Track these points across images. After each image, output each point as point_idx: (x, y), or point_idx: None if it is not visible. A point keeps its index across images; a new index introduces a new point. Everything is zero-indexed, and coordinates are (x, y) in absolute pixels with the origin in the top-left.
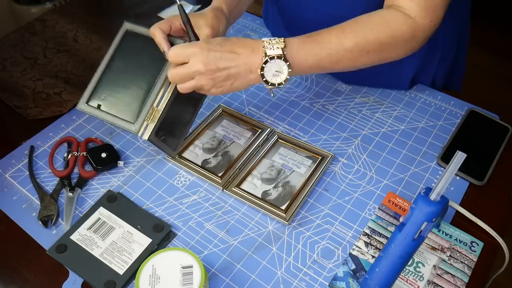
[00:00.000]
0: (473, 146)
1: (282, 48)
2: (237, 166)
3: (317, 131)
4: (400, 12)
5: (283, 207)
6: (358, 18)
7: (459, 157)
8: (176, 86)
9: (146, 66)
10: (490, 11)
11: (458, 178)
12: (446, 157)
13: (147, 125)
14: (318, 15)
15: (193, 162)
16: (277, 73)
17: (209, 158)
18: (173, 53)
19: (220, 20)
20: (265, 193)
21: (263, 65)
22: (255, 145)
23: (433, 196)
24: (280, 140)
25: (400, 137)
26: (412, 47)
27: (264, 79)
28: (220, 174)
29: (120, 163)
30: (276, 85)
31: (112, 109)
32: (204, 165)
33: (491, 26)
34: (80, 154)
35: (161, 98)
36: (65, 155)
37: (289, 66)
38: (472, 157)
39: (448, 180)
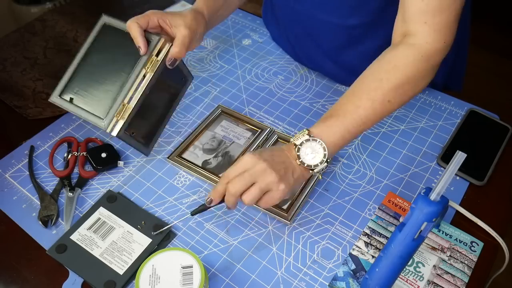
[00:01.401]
0: (473, 146)
1: (307, 134)
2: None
3: None
4: (408, 48)
5: (285, 207)
6: (365, 73)
7: (459, 157)
8: (148, 83)
9: (121, 62)
10: (490, 11)
11: (458, 178)
12: (446, 157)
13: (116, 122)
14: (313, 21)
15: (193, 163)
16: (314, 154)
17: (210, 159)
18: (234, 186)
19: (199, 23)
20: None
21: (297, 153)
22: (255, 145)
23: (433, 196)
24: (280, 140)
25: (400, 137)
26: (432, 74)
27: (306, 165)
28: (220, 175)
29: (120, 163)
30: (319, 165)
31: (84, 104)
32: (204, 166)
33: (491, 26)
34: (80, 154)
35: (133, 94)
36: (65, 155)
37: (320, 143)
38: (472, 157)
39: (448, 180)
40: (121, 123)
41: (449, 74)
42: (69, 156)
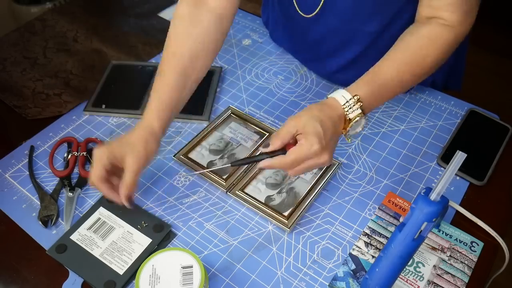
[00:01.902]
0: (473, 146)
1: (359, 107)
2: (243, 169)
3: None
4: (440, 25)
5: (286, 213)
6: (405, 44)
7: (459, 157)
8: None
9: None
10: (490, 11)
11: (458, 178)
12: (446, 157)
13: None
14: (317, 25)
15: (198, 163)
16: (356, 125)
17: (215, 160)
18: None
19: (150, 145)
20: (269, 198)
21: (348, 128)
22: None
23: (433, 196)
24: None
25: (400, 137)
26: (454, 50)
27: (347, 134)
28: (224, 177)
29: None
30: (357, 132)
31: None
32: (209, 166)
33: (491, 26)
34: (80, 154)
35: None
36: (65, 155)
37: (366, 119)
38: (472, 157)
39: (448, 180)
40: None
41: (449, 74)
42: (69, 156)
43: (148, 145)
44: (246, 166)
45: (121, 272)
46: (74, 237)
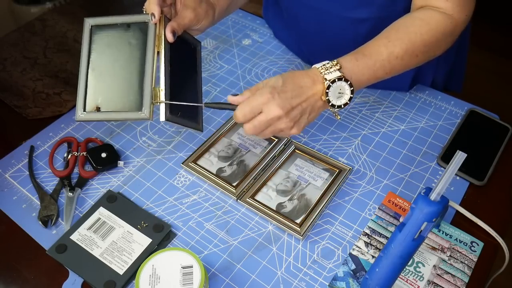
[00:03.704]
0: (473, 146)
1: (338, 70)
2: (252, 176)
3: (317, 131)
4: (436, 11)
5: (298, 221)
6: (397, 24)
7: (459, 157)
8: (164, 59)
9: (126, 53)
10: (490, 11)
11: (458, 178)
12: (446, 157)
13: (157, 107)
14: (319, 14)
15: (207, 170)
16: (340, 94)
17: (224, 167)
18: (242, 113)
19: (207, 12)
20: (280, 205)
21: (327, 91)
22: (271, 155)
23: (433, 196)
24: (297, 151)
25: (400, 137)
26: (452, 41)
27: (330, 104)
28: (234, 184)
29: (120, 163)
30: (342, 106)
31: (113, 107)
32: (219, 173)
33: (491, 26)
34: (80, 154)
35: (158, 77)
36: (65, 155)
37: (350, 85)
38: (472, 157)
39: (448, 180)
40: (163, 106)
41: (449, 74)
42: (69, 156)
43: (204, 9)
44: (256, 172)
45: (121, 272)
46: (74, 237)
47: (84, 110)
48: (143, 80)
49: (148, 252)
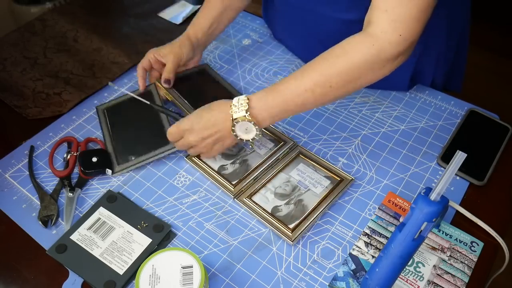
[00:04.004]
0: (473, 146)
1: (245, 110)
2: (253, 177)
3: (317, 131)
4: (364, 37)
5: (291, 226)
6: (321, 54)
7: (459, 157)
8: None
9: (140, 114)
10: (490, 11)
11: (458, 178)
12: (446, 157)
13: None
14: (314, 16)
15: (209, 166)
16: (247, 130)
17: (226, 165)
18: (170, 136)
19: (184, 47)
20: (276, 208)
21: (233, 128)
22: (275, 157)
23: (433, 196)
24: (301, 156)
25: (400, 137)
26: (383, 68)
27: (239, 138)
28: (234, 183)
29: (109, 171)
30: (250, 140)
31: (144, 152)
32: (220, 171)
33: (491, 26)
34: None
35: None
36: (65, 155)
37: (254, 124)
38: (472, 157)
39: (448, 180)
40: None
41: (448, 74)
42: (69, 156)
43: (183, 46)
44: (257, 173)
45: (121, 272)
46: (74, 237)
47: (119, 165)
48: (162, 123)
49: (148, 252)
